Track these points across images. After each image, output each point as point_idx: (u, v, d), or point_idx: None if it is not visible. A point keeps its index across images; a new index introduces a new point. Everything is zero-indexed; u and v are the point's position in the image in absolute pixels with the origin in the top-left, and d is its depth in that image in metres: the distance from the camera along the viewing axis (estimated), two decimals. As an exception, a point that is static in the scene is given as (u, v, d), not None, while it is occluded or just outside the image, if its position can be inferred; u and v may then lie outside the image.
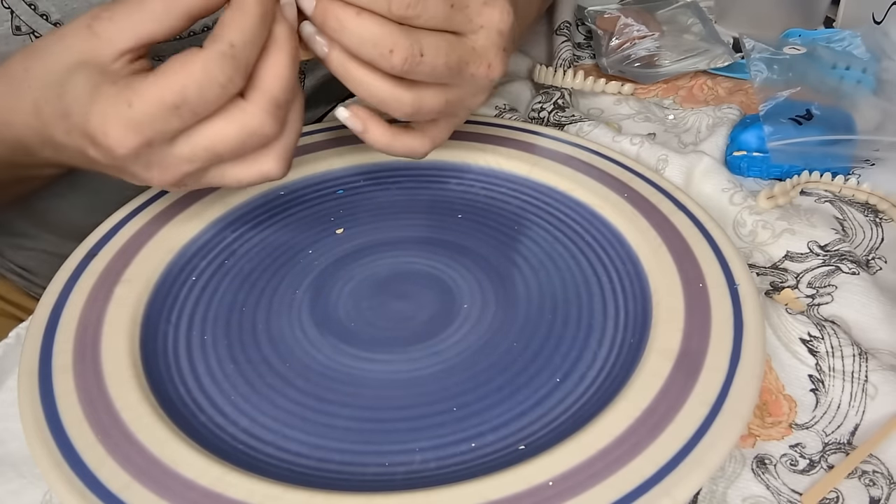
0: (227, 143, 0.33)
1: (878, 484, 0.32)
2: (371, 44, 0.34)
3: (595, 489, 0.28)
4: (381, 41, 0.34)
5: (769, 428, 0.35)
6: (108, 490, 0.29)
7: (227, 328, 0.37)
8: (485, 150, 0.47)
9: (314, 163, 0.47)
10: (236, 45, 0.32)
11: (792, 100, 0.51)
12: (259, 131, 0.33)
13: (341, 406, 0.34)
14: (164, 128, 0.32)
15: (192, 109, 0.32)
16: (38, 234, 0.57)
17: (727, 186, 0.47)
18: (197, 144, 0.33)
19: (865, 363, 0.36)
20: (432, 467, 0.31)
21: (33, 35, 0.43)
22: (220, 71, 0.31)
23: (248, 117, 0.33)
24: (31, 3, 0.42)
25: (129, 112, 0.31)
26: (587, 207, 0.43)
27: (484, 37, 0.36)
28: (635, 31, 0.63)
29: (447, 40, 0.35)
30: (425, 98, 0.36)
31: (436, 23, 0.35)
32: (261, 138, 0.34)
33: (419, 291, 0.39)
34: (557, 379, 0.34)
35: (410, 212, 0.45)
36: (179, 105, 0.31)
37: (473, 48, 0.36)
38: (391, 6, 0.33)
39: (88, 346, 0.35)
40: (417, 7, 0.34)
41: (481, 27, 0.36)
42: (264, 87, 0.33)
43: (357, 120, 0.37)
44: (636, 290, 0.38)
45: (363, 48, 0.34)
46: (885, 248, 0.44)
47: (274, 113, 0.33)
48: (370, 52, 0.34)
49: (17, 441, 0.34)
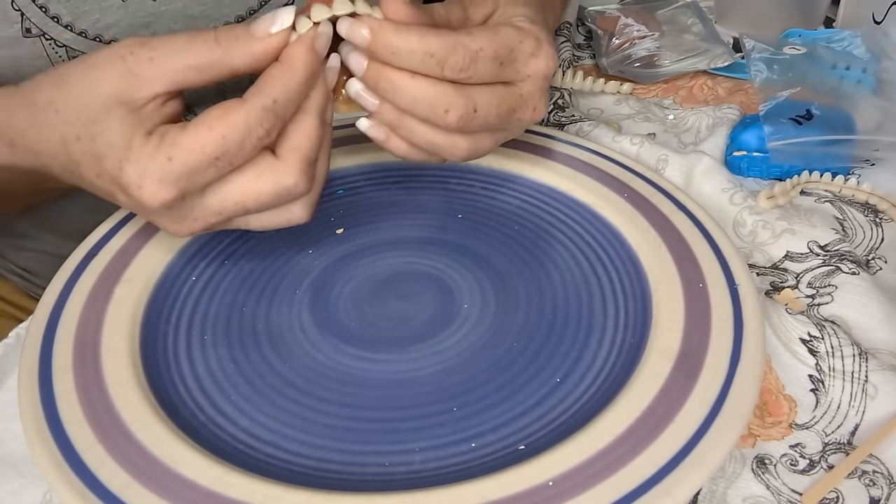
0: (259, 200, 0.34)
1: (878, 484, 0.32)
2: (426, 104, 0.34)
3: (595, 489, 0.28)
4: (436, 102, 0.34)
5: (769, 428, 0.35)
6: (108, 490, 0.29)
7: (227, 328, 0.37)
8: (485, 150, 0.47)
9: (314, 163, 0.47)
10: (279, 101, 0.32)
11: (792, 100, 0.51)
12: (294, 191, 0.34)
13: (341, 406, 0.34)
14: (200, 180, 0.32)
15: (230, 160, 0.32)
16: (39, 234, 0.57)
17: (727, 186, 0.47)
18: (227, 198, 0.33)
19: (865, 363, 0.36)
20: (432, 467, 0.31)
21: (44, 37, 0.43)
22: (260, 124, 0.32)
23: (281, 176, 0.33)
24: (42, 5, 0.42)
25: (169, 166, 0.31)
26: (587, 207, 0.43)
27: (531, 84, 0.37)
28: (635, 31, 0.63)
29: (498, 93, 0.36)
30: (480, 142, 0.37)
31: (486, 80, 0.35)
32: (294, 196, 0.34)
33: (419, 291, 0.39)
34: (557, 379, 0.34)
35: (410, 212, 0.45)
36: (220, 157, 0.32)
37: (521, 95, 0.37)
38: (444, 71, 0.34)
39: (88, 346, 0.35)
40: (469, 70, 0.34)
41: (528, 76, 0.37)
42: (297, 145, 0.34)
43: (380, 129, 0.37)
44: (636, 290, 0.38)
45: (418, 108, 0.35)
46: (885, 248, 0.44)
47: (307, 171, 0.34)
48: (425, 112, 0.35)
49: (17, 441, 0.34)
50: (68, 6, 0.43)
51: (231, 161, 0.32)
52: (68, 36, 0.43)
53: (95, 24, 0.43)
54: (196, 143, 0.31)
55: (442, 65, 0.34)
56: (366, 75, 0.35)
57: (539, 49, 0.36)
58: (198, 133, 0.31)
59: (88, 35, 0.44)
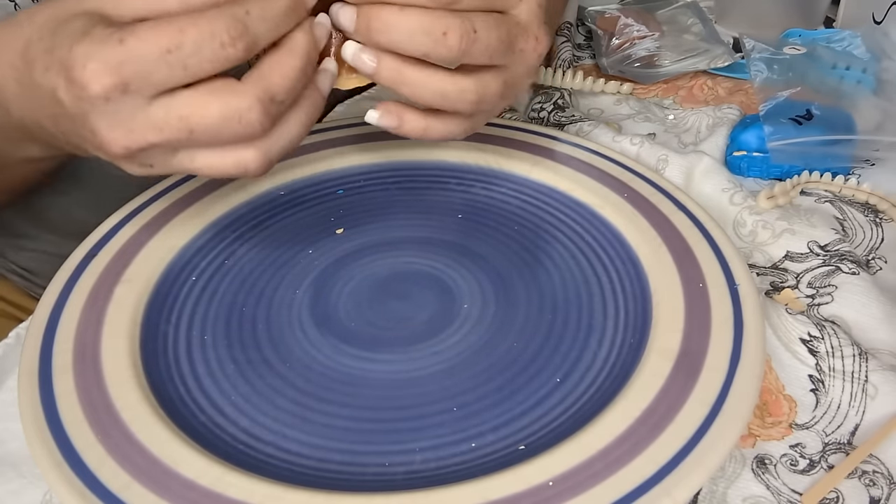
0: (205, 119, 0.31)
1: (878, 484, 0.32)
2: (423, 32, 0.33)
3: (595, 489, 0.28)
4: (432, 27, 0.33)
5: (769, 428, 0.35)
6: (108, 490, 0.29)
7: (227, 328, 0.37)
8: (485, 150, 0.47)
9: (314, 163, 0.47)
10: (252, 14, 0.30)
11: (792, 100, 0.51)
12: (244, 117, 0.31)
13: (341, 406, 0.34)
14: (147, 71, 0.30)
15: (183, 60, 0.30)
16: (39, 234, 0.57)
17: (727, 186, 0.47)
18: (172, 110, 0.31)
19: (865, 363, 0.36)
20: (432, 467, 0.31)
21: None
22: (225, 29, 0.30)
23: (235, 98, 0.31)
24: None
25: (118, 49, 0.29)
26: (587, 207, 0.43)
27: (525, 10, 0.36)
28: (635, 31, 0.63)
29: (494, 17, 0.34)
30: (487, 83, 0.35)
31: (476, 5, 0.34)
32: (244, 127, 0.31)
33: (419, 291, 0.39)
34: (557, 379, 0.34)
35: (410, 212, 0.45)
36: (172, 50, 0.29)
37: (518, 23, 0.35)
38: None
39: (88, 346, 0.35)
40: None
41: (521, 1, 0.35)
42: (262, 74, 0.32)
43: (391, 115, 0.36)
44: (636, 290, 0.38)
45: (416, 40, 0.33)
46: (885, 248, 0.44)
47: (266, 105, 0.31)
48: (424, 42, 0.33)
49: (17, 441, 0.34)
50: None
51: (185, 62, 0.30)
52: None
53: None
54: (151, 32, 0.29)
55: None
56: (357, 24, 0.33)
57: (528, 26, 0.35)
58: (157, 23, 0.30)
59: None
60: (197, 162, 0.33)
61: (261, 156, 0.33)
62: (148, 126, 0.31)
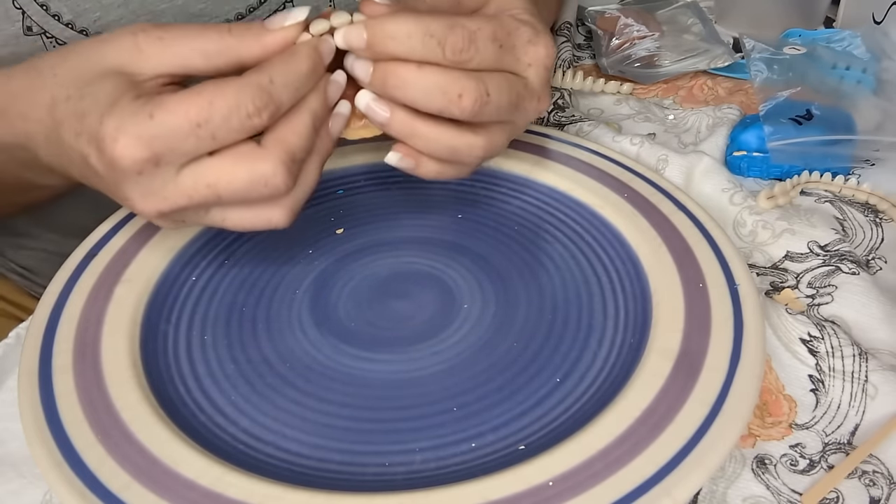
0: (233, 186, 0.32)
1: (878, 484, 0.32)
2: (440, 91, 0.34)
3: (595, 489, 0.28)
4: (448, 87, 0.34)
5: (769, 428, 0.35)
6: (108, 490, 0.29)
7: (227, 328, 0.37)
8: (485, 150, 0.47)
9: (314, 163, 0.47)
10: (276, 82, 0.32)
11: (792, 100, 0.51)
12: (270, 181, 0.32)
13: (341, 406, 0.34)
14: (177, 146, 0.31)
15: (212, 132, 0.31)
16: (40, 233, 0.57)
17: (727, 186, 0.47)
18: (200, 178, 0.32)
19: (865, 363, 0.36)
20: (432, 467, 0.31)
21: (45, 35, 0.43)
22: (251, 100, 0.31)
23: (259, 162, 0.32)
24: (43, 3, 0.42)
25: (148, 124, 0.30)
26: (587, 207, 0.43)
27: (534, 74, 0.37)
28: (635, 31, 0.63)
29: (506, 78, 0.36)
30: (494, 138, 0.37)
31: (487, 64, 0.35)
32: (270, 189, 0.33)
33: (419, 291, 0.39)
34: (557, 379, 0.34)
35: (410, 212, 0.45)
36: (202, 124, 0.31)
37: (525, 85, 0.37)
38: (445, 52, 0.33)
39: (88, 346, 0.35)
40: (470, 50, 0.34)
41: (529, 65, 0.37)
42: (283, 137, 0.33)
43: (409, 159, 0.37)
44: (636, 290, 0.38)
45: (432, 98, 0.34)
46: (885, 248, 0.44)
47: (288, 165, 0.33)
48: (439, 101, 0.34)
49: (17, 441, 0.34)
50: (69, 4, 0.43)
51: (214, 133, 0.31)
52: (69, 34, 0.43)
53: (96, 23, 0.44)
54: (181, 105, 0.30)
55: (443, 45, 0.33)
56: (373, 78, 0.34)
57: (537, 37, 0.36)
58: (185, 96, 0.31)
59: (89, 33, 0.44)
60: (228, 221, 0.35)
61: (287, 211, 0.35)
62: (178, 193, 0.32)
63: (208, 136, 0.31)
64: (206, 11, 0.46)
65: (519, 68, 0.36)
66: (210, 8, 0.46)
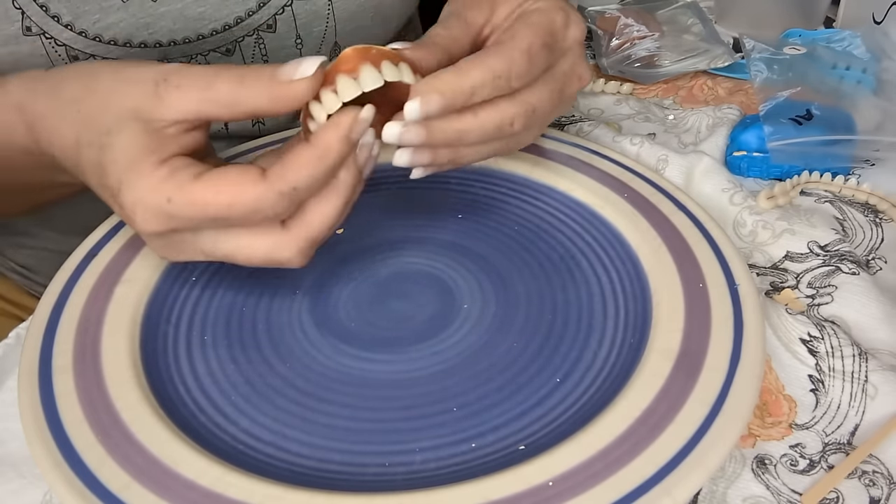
0: (250, 259, 0.33)
1: (878, 484, 0.32)
2: (495, 129, 0.35)
3: (595, 489, 0.28)
4: (502, 121, 0.35)
5: (769, 428, 0.35)
6: (108, 490, 0.29)
7: (227, 328, 0.37)
8: (485, 150, 0.47)
9: (314, 163, 0.47)
10: (300, 189, 0.32)
11: (792, 100, 0.51)
12: (286, 264, 0.34)
13: (341, 406, 0.34)
14: (195, 226, 0.32)
15: (231, 224, 0.32)
16: (40, 232, 0.57)
17: (727, 186, 0.47)
18: (219, 245, 0.33)
19: (865, 363, 0.36)
20: (432, 467, 0.31)
21: (44, 36, 0.43)
22: (271, 206, 0.31)
23: (279, 246, 0.33)
24: (43, 4, 0.42)
25: (166, 206, 0.31)
26: (587, 207, 0.43)
27: (571, 56, 0.37)
28: (635, 31, 0.63)
29: (546, 83, 0.36)
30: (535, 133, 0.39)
31: (541, 72, 0.36)
32: (286, 265, 0.34)
33: (419, 291, 0.39)
34: (557, 379, 0.34)
35: (410, 212, 0.45)
36: (219, 219, 0.31)
37: (564, 72, 0.37)
38: (512, 83, 0.34)
39: (88, 346, 0.35)
40: (532, 71, 0.34)
41: (568, 49, 0.37)
42: (309, 222, 0.33)
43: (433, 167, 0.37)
44: (636, 290, 0.38)
45: (487, 136, 0.35)
46: (885, 248, 0.44)
47: (307, 251, 0.33)
48: (493, 135, 0.35)
49: (17, 441, 0.34)
50: (69, 5, 0.43)
51: (231, 223, 0.32)
52: (68, 35, 0.43)
53: (95, 24, 0.43)
54: (200, 199, 0.31)
55: (509, 79, 0.34)
56: (431, 139, 0.34)
57: (568, 17, 0.37)
58: (206, 191, 0.31)
59: (88, 35, 0.44)
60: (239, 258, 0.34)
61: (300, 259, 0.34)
62: (197, 250, 0.34)
63: (226, 226, 0.32)
64: (206, 15, 0.46)
65: (559, 56, 0.37)
66: (209, 11, 0.46)
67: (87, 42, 0.44)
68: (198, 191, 0.31)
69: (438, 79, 0.33)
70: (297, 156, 0.32)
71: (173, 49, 0.46)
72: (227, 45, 0.48)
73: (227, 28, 0.47)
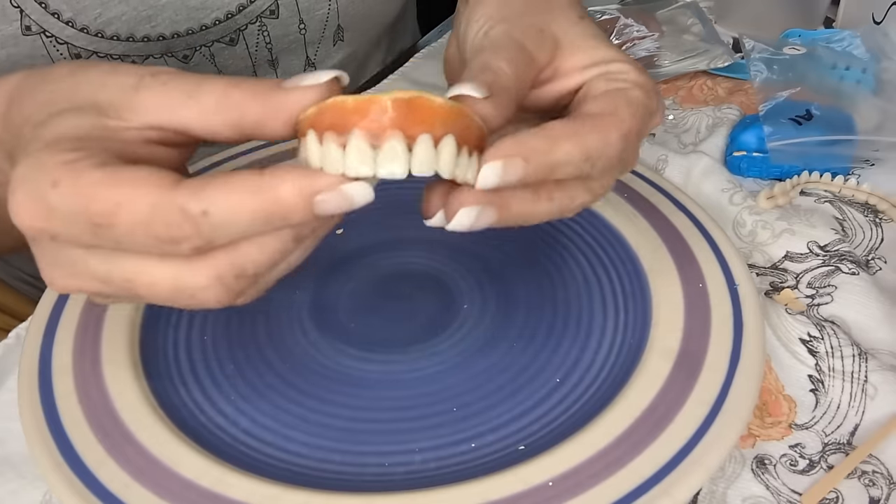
0: (154, 290, 0.25)
1: (878, 484, 0.32)
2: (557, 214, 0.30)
3: (595, 489, 0.28)
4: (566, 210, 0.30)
5: (769, 428, 0.35)
6: (108, 490, 0.29)
7: (227, 328, 0.37)
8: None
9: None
10: (213, 219, 0.23)
11: (792, 100, 0.51)
12: (198, 297, 0.25)
13: (341, 406, 0.34)
14: (74, 235, 0.24)
15: (115, 238, 0.24)
16: None
17: (727, 186, 0.47)
18: (115, 270, 0.25)
19: (865, 363, 0.36)
20: (432, 467, 0.31)
21: (44, 34, 0.43)
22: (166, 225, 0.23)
23: (188, 273, 0.25)
24: (42, 1, 0.41)
25: (48, 192, 0.24)
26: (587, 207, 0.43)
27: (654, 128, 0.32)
28: (635, 31, 0.63)
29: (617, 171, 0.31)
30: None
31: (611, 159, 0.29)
32: (199, 303, 0.26)
33: (419, 291, 0.39)
34: (557, 379, 0.34)
35: (410, 212, 0.44)
36: (100, 225, 0.24)
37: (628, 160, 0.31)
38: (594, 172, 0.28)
39: (88, 346, 0.35)
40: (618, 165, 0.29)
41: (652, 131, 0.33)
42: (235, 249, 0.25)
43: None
44: (636, 290, 0.38)
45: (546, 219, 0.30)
46: (884, 248, 0.44)
47: (228, 284, 0.25)
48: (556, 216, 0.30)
49: (17, 441, 0.34)
50: (69, 1, 0.42)
51: (116, 240, 0.24)
52: (69, 32, 0.43)
53: (97, 20, 0.43)
54: (87, 191, 0.23)
55: (596, 164, 0.28)
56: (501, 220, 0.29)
57: (660, 103, 0.31)
58: (99, 183, 0.24)
59: (90, 31, 0.43)
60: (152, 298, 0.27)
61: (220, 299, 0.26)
62: (90, 278, 0.26)
63: (111, 242, 0.24)
64: (208, 3, 0.46)
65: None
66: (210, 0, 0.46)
67: (89, 38, 0.44)
68: (90, 179, 0.24)
69: (524, 143, 0.27)
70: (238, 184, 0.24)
71: (176, 41, 0.46)
72: (231, 34, 0.48)
73: (229, 16, 0.47)
